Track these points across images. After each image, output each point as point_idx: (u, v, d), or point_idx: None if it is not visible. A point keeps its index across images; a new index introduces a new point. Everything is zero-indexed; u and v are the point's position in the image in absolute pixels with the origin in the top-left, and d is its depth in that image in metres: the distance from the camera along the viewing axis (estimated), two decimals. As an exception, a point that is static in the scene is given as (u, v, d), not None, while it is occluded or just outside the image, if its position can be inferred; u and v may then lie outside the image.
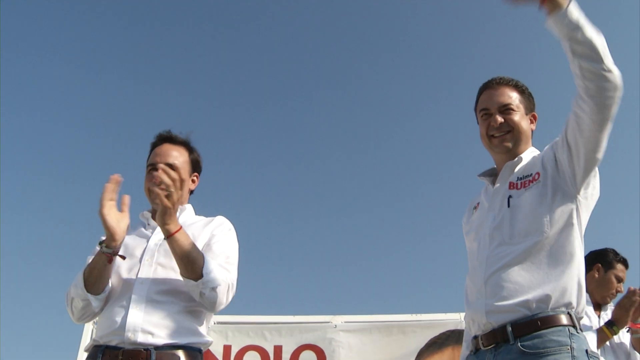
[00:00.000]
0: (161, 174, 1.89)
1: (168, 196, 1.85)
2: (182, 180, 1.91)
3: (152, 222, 2.17)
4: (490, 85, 2.06)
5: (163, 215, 1.88)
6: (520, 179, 1.91)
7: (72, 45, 9.82)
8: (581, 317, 1.77)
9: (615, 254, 3.61)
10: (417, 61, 11.00)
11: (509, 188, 1.92)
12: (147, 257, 2.03)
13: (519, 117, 1.99)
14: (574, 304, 1.73)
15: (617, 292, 3.50)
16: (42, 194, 9.48)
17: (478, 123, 2.09)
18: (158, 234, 2.09)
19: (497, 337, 1.71)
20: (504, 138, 1.98)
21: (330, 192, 10.33)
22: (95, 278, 1.94)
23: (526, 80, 2.03)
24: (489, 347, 1.73)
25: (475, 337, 1.81)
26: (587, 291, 3.50)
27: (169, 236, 1.89)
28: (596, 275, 3.55)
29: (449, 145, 10.41)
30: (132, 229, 2.18)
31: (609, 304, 3.52)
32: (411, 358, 4.38)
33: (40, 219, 9.34)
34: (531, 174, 1.89)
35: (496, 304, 1.74)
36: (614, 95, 1.68)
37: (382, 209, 10.11)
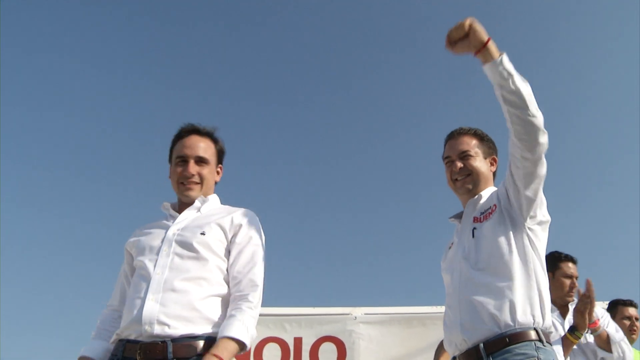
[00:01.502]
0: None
1: None
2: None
3: (173, 212, 2.16)
4: (452, 136, 2.30)
5: None
6: (482, 213, 2.13)
7: (84, 43, 9.93)
8: (550, 332, 1.96)
9: (557, 254, 3.59)
10: (427, 63, 10.92)
11: (473, 222, 2.14)
12: (164, 247, 2.00)
13: (478, 161, 2.23)
14: (539, 319, 1.91)
15: (572, 288, 3.47)
16: (52, 189, 9.64)
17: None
18: (177, 224, 2.08)
19: (471, 355, 1.90)
20: (465, 181, 2.22)
21: (351, 185, 10.33)
22: None
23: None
24: None
25: (454, 358, 2.01)
26: None
27: None
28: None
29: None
30: (153, 221, 2.19)
31: (572, 303, 3.48)
32: (431, 350, 4.35)
33: (56, 215, 9.50)
34: (490, 206, 2.11)
35: (469, 324, 1.93)
36: (539, 137, 1.87)
37: (402, 201, 10.08)
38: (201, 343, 1.85)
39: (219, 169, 2.27)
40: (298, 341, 4.30)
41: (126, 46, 10.26)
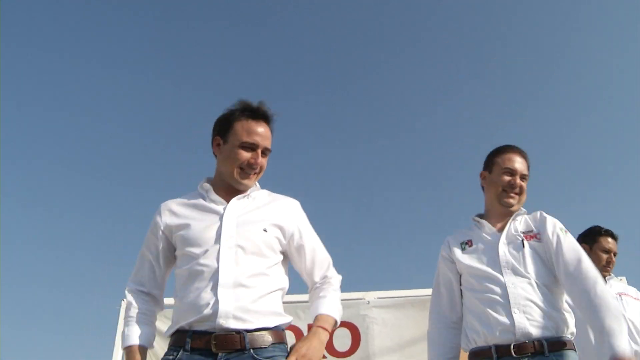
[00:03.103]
0: None
1: None
2: None
3: (216, 197, 2.06)
4: (517, 151, 2.56)
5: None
6: (525, 232, 2.43)
7: (86, 40, 9.93)
8: None
9: (598, 228, 3.58)
10: (427, 62, 10.84)
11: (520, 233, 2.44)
12: (225, 239, 1.94)
13: (526, 185, 2.53)
14: (574, 332, 2.28)
15: (609, 263, 3.48)
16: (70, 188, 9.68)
17: (489, 170, 2.57)
18: (231, 213, 2.01)
19: (534, 347, 2.16)
20: (514, 197, 2.49)
21: (361, 170, 10.32)
22: None
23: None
24: (523, 355, 2.17)
25: (503, 346, 2.20)
26: None
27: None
28: None
29: (480, 129, 10.27)
30: (186, 199, 2.11)
31: (608, 277, 3.49)
32: (446, 332, 4.34)
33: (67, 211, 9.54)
34: (532, 230, 2.44)
35: (535, 322, 2.19)
36: None
37: (414, 185, 10.06)
38: (273, 333, 1.89)
39: None
40: (312, 328, 4.30)
41: (128, 43, 10.25)
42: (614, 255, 3.50)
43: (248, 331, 1.82)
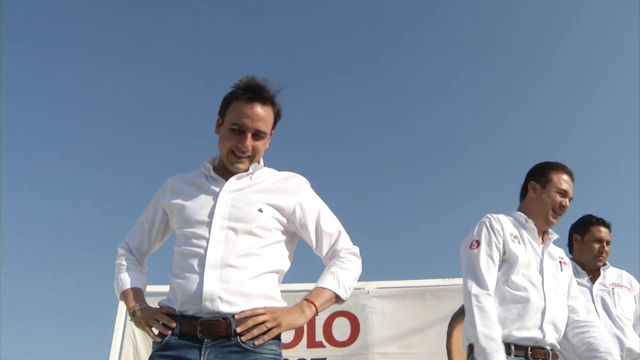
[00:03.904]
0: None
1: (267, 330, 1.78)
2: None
3: (216, 176, 2.03)
4: (571, 174, 2.70)
5: (288, 330, 1.85)
6: (561, 258, 2.68)
7: (88, 36, 9.90)
8: None
9: (590, 217, 3.56)
10: (427, 60, 10.77)
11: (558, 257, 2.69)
12: (217, 219, 1.91)
13: None
14: None
15: (601, 252, 3.44)
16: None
17: (542, 184, 2.66)
18: (226, 193, 1.97)
19: (545, 356, 2.40)
20: (558, 218, 2.66)
21: (360, 161, 10.30)
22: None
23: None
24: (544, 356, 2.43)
25: (522, 347, 2.37)
26: (577, 262, 3.48)
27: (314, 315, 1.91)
28: (576, 245, 3.52)
29: (480, 119, 10.23)
30: (191, 177, 2.09)
31: (604, 267, 3.47)
32: (444, 323, 4.37)
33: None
34: (563, 258, 2.71)
35: (557, 337, 2.46)
36: None
37: (413, 178, 10.05)
38: None
39: (270, 134, 2.10)
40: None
41: (129, 39, 10.22)
42: (607, 244, 3.47)
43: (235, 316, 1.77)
